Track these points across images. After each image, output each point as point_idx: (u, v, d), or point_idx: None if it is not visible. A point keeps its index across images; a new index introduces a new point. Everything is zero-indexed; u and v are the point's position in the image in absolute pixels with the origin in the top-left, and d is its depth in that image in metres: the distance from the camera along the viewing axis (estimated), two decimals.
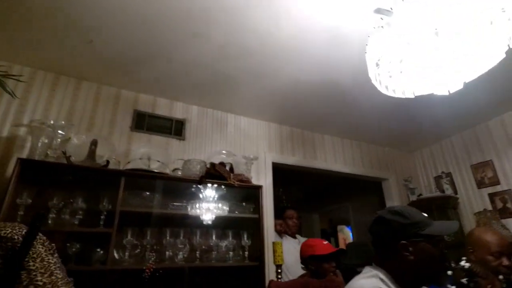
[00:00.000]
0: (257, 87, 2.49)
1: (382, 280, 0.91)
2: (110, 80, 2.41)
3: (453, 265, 1.32)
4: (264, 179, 2.79)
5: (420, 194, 3.44)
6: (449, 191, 3.30)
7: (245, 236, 2.35)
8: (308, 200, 5.44)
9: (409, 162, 3.81)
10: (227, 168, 2.44)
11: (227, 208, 2.34)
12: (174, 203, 2.23)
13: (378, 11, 1.35)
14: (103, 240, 1.84)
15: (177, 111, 2.70)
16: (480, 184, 3.05)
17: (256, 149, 2.91)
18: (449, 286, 1.27)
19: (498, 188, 2.90)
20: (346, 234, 5.91)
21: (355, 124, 3.17)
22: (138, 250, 2.02)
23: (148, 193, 2.15)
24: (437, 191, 3.38)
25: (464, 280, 1.29)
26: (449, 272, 1.28)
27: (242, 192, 2.49)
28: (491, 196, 2.93)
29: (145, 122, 2.50)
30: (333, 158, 3.33)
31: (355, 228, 4.99)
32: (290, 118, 3.05)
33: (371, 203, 4.19)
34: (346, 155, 3.44)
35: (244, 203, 2.46)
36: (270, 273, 2.35)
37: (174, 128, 2.61)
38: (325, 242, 1.88)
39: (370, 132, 3.35)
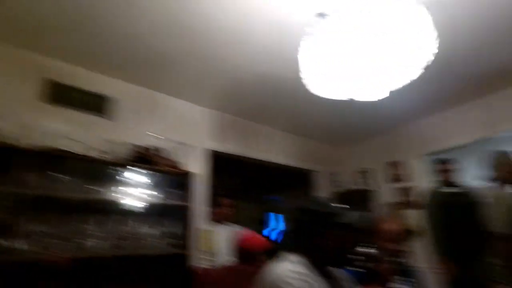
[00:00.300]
0: (199, 70, 2.47)
1: (299, 264, 1.06)
2: (20, 42, 2.11)
3: (357, 250, 1.61)
4: (199, 166, 2.83)
5: (344, 187, 3.96)
6: (368, 185, 3.85)
7: (175, 223, 2.39)
8: (244, 189, 5.69)
9: (337, 157, 4.26)
10: (160, 153, 2.42)
11: (157, 195, 2.35)
12: (96, 188, 2.13)
13: (319, 15, 1.51)
14: (5, 229, 1.69)
15: (106, 86, 2.51)
16: (393, 180, 3.63)
17: (193, 135, 2.91)
18: (352, 268, 1.55)
19: (406, 184, 3.49)
20: (275, 222, 6.41)
21: (293, 118, 3.41)
22: (53, 239, 1.89)
23: (64, 175, 2.00)
24: (359, 185, 3.92)
25: (364, 264, 1.59)
26: (354, 256, 1.56)
27: (174, 179, 2.51)
28: (400, 190, 3.52)
29: (64, 95, 2.27)
30: (270, 149, 3.54)
31: (287, 217, 5.45)
32: (232, 105, 3.11)
33: (302, 193, 4.61)
34: (283, 146, 3.70)
35: (175, 190, 2.48)
36: (199, 261, 2.41)
37: (100, 105, 2.44)
38: (260, 237, 2.07)
39: (306, 126, 3.65)
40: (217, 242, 2.57)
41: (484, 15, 1.91)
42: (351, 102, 1.69)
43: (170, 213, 2.44)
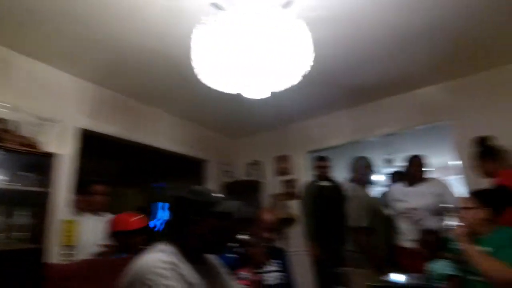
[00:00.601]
0: (72, 32, 2.23)
1: (170, 253, 1.11)
2: None
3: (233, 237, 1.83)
4: (65, 147, 2.60)
5: (235, 177, 4.29)
6: (257, 177, 4.25)
7: (26, 213, 2.18)
8: (125, 175, 5.43)
9: (229, 148, 4.52)
10: (8, 126, 2.13)
11: (4, 179, 2.09)
12: None
13: (214, 5, 1.59)
14: None
15: None
16: (279, 173, 4.13)
17: (59, 109, 2.63)
18: (227, 254, 1.76)
19: (289, 177, 4.02)
20: (162, 212, 6.38)
21: (185, 103, 3.43)
22: None
23: None
24: (249, 176, 4.31)
25: (238, 249, 1.81)
26: (229, 243, 1.77)
27: (28, 160, 2.26)
28: (284, 182, 4.04)
29: None
30: (158, 133, 3.49)
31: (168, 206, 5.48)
32: (113, 80, 2.93)
33: (190, 182, 4.73)
34: (172, 132, 3.68)
35: (30, 174, 2.25)
36: (58, 256, 2.29)
37: None
38: (134, 218, 2.07)
39: (199, 113, 3.74)
40: (82, 234, 2.44)
41: (362, 37, 2.37)
42: (243, 96, 1.87)
43: (23, 201, 2.19)
